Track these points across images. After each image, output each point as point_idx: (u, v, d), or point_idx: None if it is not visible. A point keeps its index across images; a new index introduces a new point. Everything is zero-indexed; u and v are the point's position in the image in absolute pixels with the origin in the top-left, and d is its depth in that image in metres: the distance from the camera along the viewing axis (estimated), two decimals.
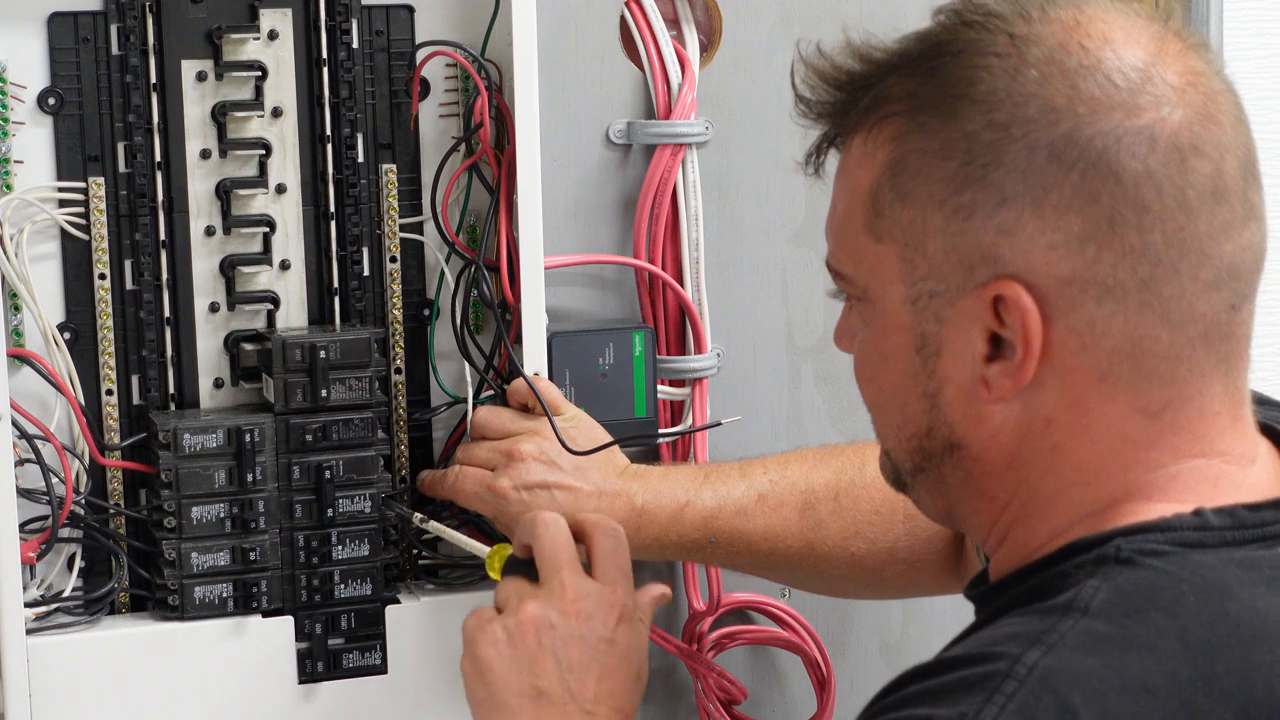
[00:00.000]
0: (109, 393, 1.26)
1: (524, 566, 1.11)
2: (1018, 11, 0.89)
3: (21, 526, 1.20)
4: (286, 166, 1.29)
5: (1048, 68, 0.86)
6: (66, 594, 1.24)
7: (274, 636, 1.26)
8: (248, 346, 1.28)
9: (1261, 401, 0.96)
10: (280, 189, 1.28)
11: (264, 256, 1.29)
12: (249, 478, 1.24)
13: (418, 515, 1.27)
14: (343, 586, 1.26)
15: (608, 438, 1.27)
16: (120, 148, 1.25)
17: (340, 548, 1.26)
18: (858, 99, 0.93)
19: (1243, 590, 0.84)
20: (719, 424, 1.25)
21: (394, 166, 1.31)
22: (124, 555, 1.26)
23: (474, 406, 1.31)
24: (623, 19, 1.39)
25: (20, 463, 1.20)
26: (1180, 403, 0.88)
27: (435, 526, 1.26)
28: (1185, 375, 0.87)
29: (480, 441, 1.29)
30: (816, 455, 1.31)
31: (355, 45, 1.29)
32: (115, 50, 1.24)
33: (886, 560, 1.28)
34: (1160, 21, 0.90)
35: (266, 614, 1.26)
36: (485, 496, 1.25)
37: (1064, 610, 0.83)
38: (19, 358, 1.22)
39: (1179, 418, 0.88)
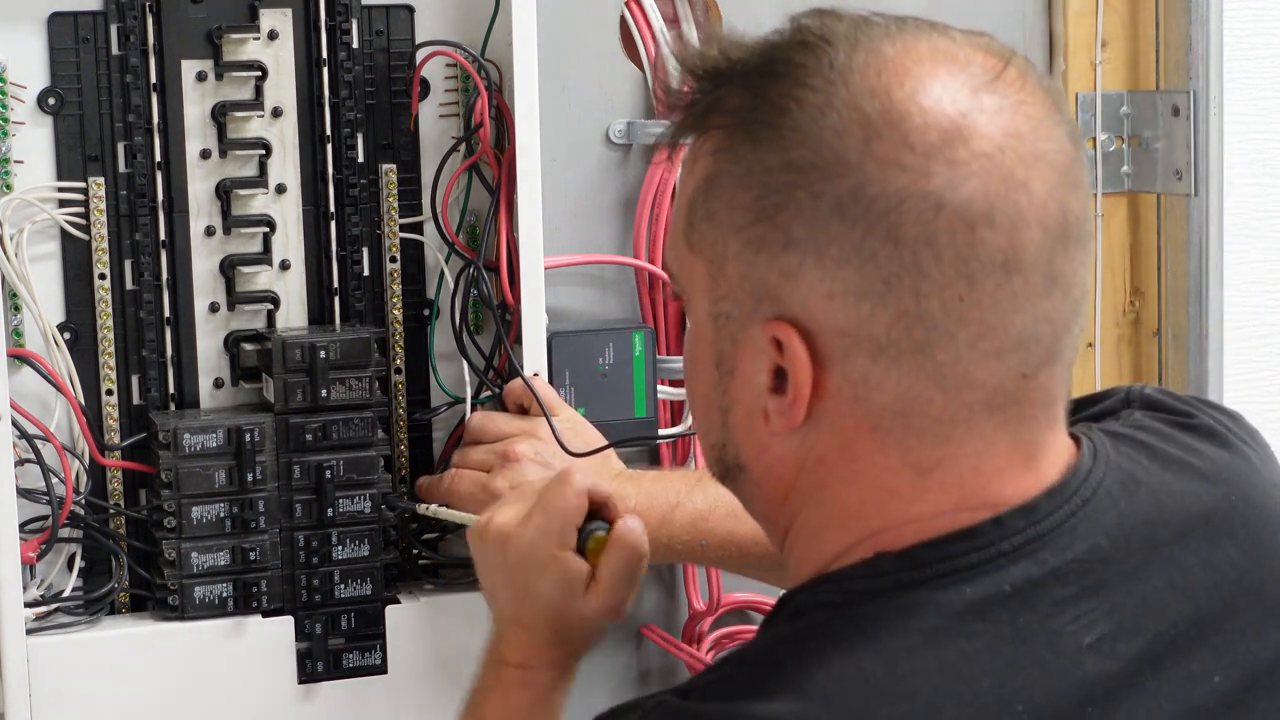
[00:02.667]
0: (109, 393, 1.26)
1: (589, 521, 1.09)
2: (850, 37, 0.86)
3: (21, 526, 1.20)
4: (286, 166, 1.29)
5: (849, 114, 0.83)
6: (66, 594, 1.24)
7: (274, 636, 1.26)
8: (248, 346, 1.29)
9: (1078, 407, 0.94)
10: (280, 189, 1.28)
11: (264, 256, 1.29)
12: (249, 478, 1.24)
13: (420, 505, 1.27)
14: (343, 586, 1.26)
15: (603, 440, 1.27)
16: (120, 148, 1.25)
17: (340, 548, 1.26)
18: (702, 100, 0.90)
19: (889, 641, 0.82)
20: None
21: (394, 166, 1.31)
22: (124, 555, 1.26)
23: (473, 407, 1.31)
24: (623, 19, 1.39)
25: (20, 463, 1.20)
26: (954, 461, 0.85)
27: (436, 509, 1.26)
28: (962, 436, 0.85)
29: (476, 445, 1.29)
30: None
31: (355, 45, 1.29)
32: (115, 50, 1.24)
33: None
34: (1001, 63, 0.85)
35: (266, 614, 1.26)
36: (481, 498, 1.25)
37: (724, 660, 0.86)
38: (19, 358, 1.22)
39: (950, 476, 0.85)
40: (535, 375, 1.28)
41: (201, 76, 1.26)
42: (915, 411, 0.84)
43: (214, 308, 1.28)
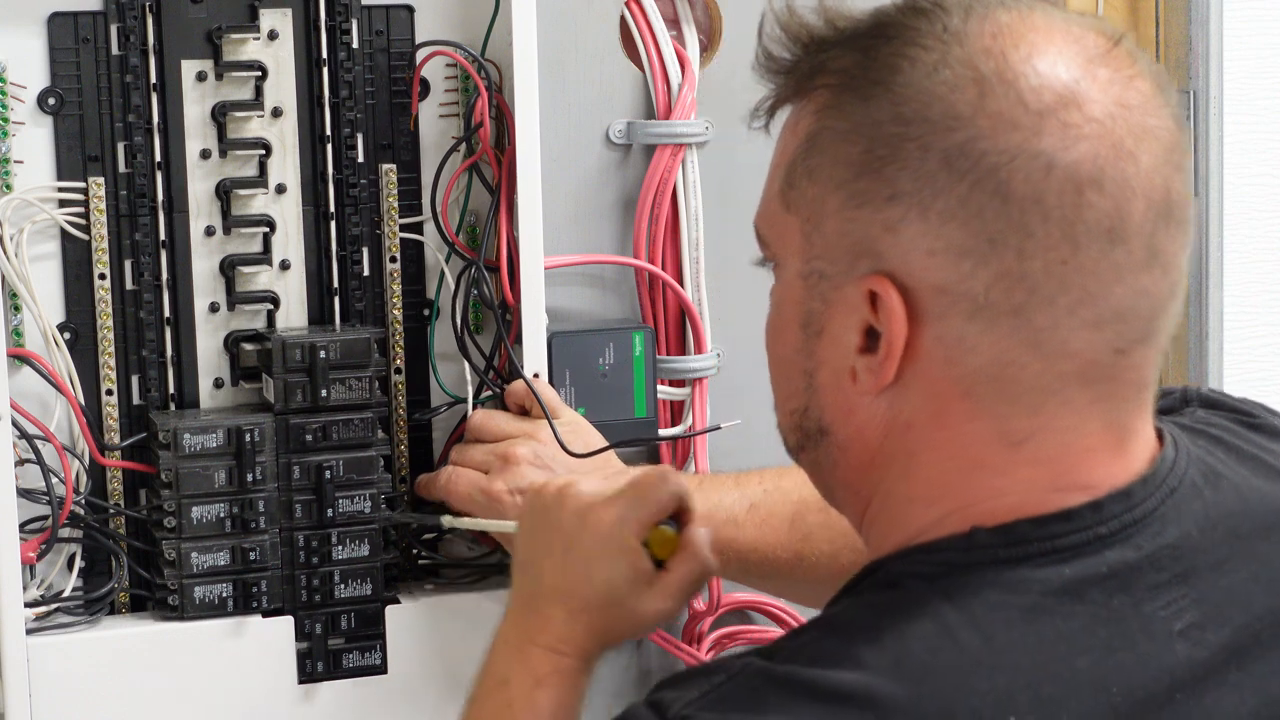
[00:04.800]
0: (109, 393, 1.26)
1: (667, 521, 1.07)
2: (963, 4, 0.87)
3: (21, 526, 1.20)
4: (286, 166, 1.29)
5: (963, 70, 0.84)
6: (66, 594, 1.24)
7: (274, 636, 1.26)
8: (248, 346, 1.28)
9: (1165, 410, 0.95)
10: (280, 189, 1.28)
11: (264, 256, 1.29)
12: (249, 478, 1.24)
13: (446, 517, 1.26)
14: (343, 586, 1.26)
15: (604, 442, 1.27)
16: (120, 148, 1.25)
17: (340, 548, 1.26)
18: (806, 63, 0.91)
19: (987, 615, 0.82)
20: (718, 428, 1.25)
21: (394, 166, 1.31)
22: (124, 555, 1.26)
23: (474, 407, 1.31)
24: (623, 19, 1.39)
25: (20, 463, 1.20)
26: (1045, 435, 0.85)
27: (465, 521, 1.25)
28: (1054, 409, 0.85)
29: (475, 444, 1.28)
30: None
31: (355, 45, 1.29)
32: (115, 50, 1.24)
33: None
34: (1110, 43, 0.86)
35: (266, 614, 1.26)
36: (479, 499, 1.25)
37: (812, 625, 0.85)
38: (19, 358, 1.22)
39: (1041, 451, 0.86)
40: (536, 376, 1.28)
41: (201, 76, 1.26)
42: (1009, 377, 0.84)
43: (214, 308, 1.28)
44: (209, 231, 1.28)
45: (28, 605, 1.21)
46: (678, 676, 0.86)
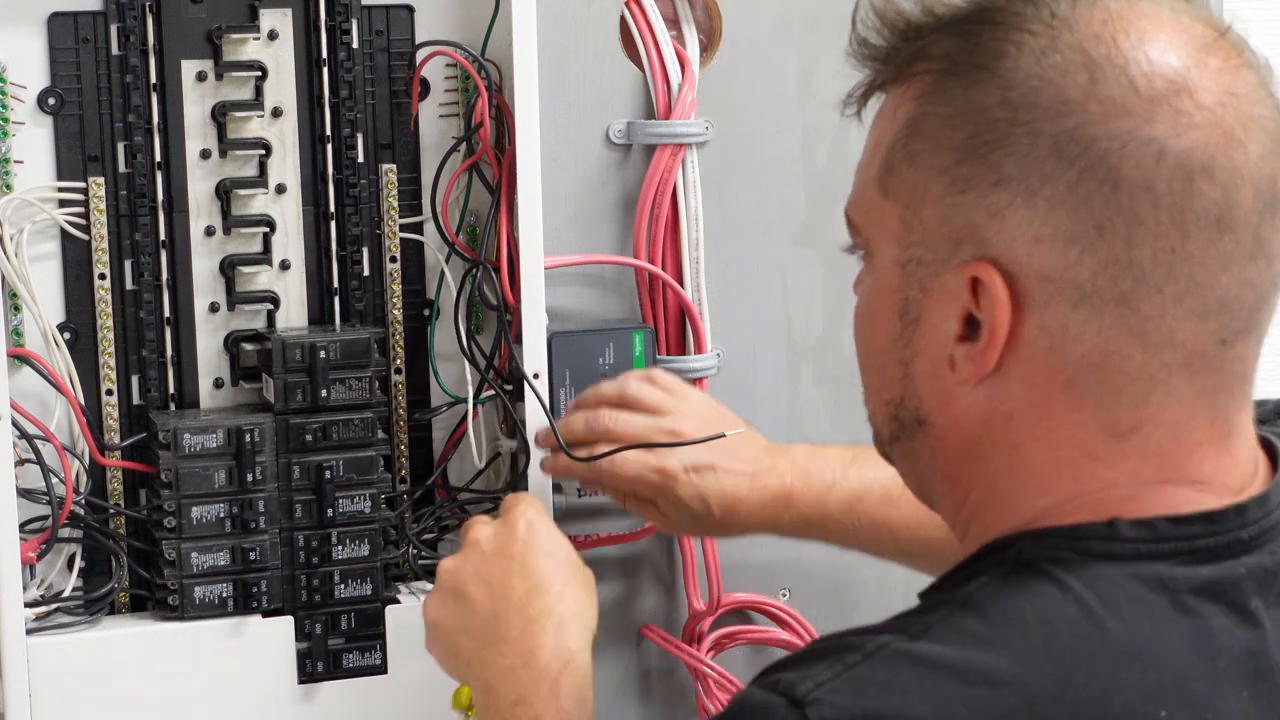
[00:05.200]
0: (109, 393, 1.26)
1: None
2: None
3: (21, 526, 1.20)
4: (286, 166, 1.29)
5: (1073, 55, 0.84)
6: (66, 594, 1.24)
7: (274, 636, 1.26)
8: (248, 346, 1.28)
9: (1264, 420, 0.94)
10: (280, 189, 1.28)
11: (264, 256, 1.29)
12: (249, 478, 1.24)
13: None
14: (343, 586, 1.26)
15: (734, 425, 1.26)
16: (120, 148, 1.25)
17: (340, 548, 1.26)
18: (905, 49, 0.91)
19: (1134, 608, 0.82)
20: (723, 435, 1.25)
21: (394, 166, 1.31)
22: (124, 555, 1.26)
23: (473, 407, 1.31)
24: (623, 19, 1.39)
25: (20, 463, 1.20)
26: (1152, 427, 0.85)
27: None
28: (1160, 400, 0.84)
29: (633, 414, 1.26)
30: None
31: (355, 45, 1.29)
32: (115, 50, 1.24)
33: None
34: (1217, 33, 0.86)
35: (266, 614, 1.26)
36: (650, 477, 1.24)
37: (944, 604, 0.83)
38: (19, 358, 1.22)
39: (1149, 444, 0.85)
40: (535, 376, 1.28)
41: (201, 76, 1.26)
42: (1113, 367, 0.84)
43: (214, 308, 1.28)
44: (209, 231, 1.28)
45: (28, 605, 1.21)
46: (794, 657, 0.84)
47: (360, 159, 1.30)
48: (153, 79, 1.25)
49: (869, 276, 0.93)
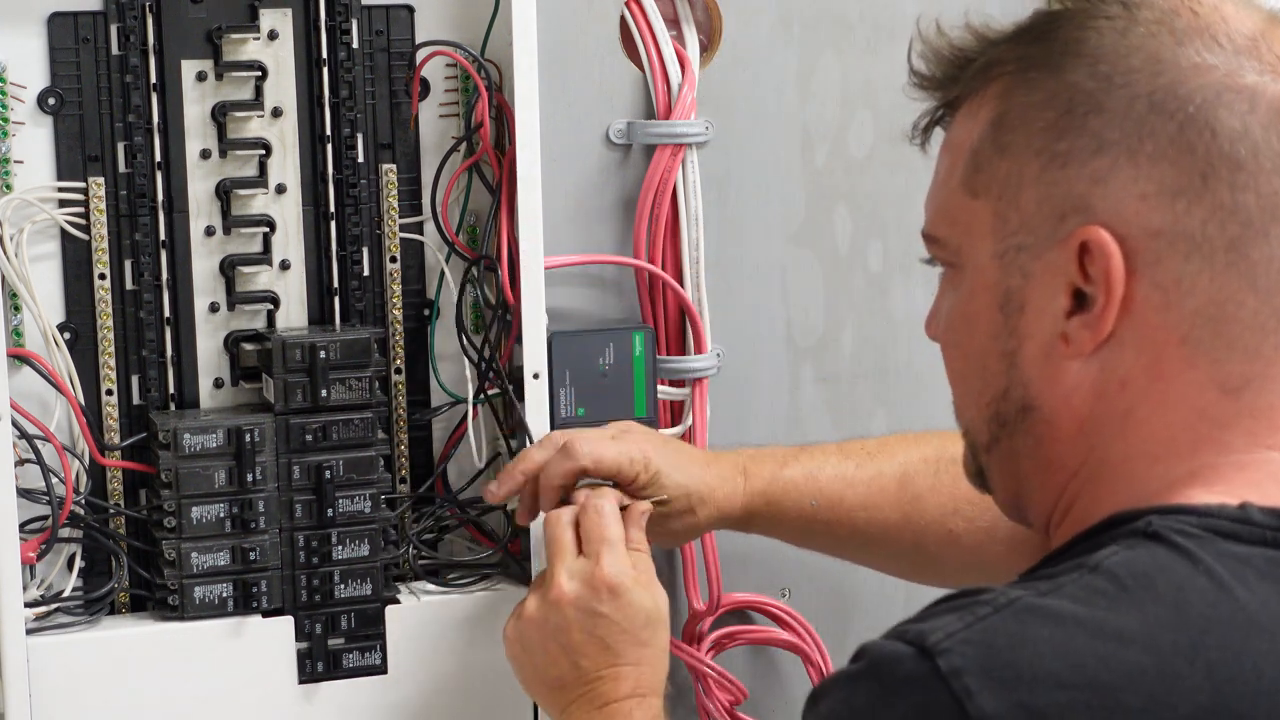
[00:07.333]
0: (109, 393, 1.26)
1: None
2: None
3: (21, 526, 1.20)
4: (286, 166, 1.29)
5: (1156, 26, 0.88)
6: (66, 594, 1.24)
7: (274, 636, 1.26)
8: (248, 346, 1.28)
9: None
10: (280, 189, 1.28)
11: (264, 256, 1.29)
12: (249, 478, 1.24)
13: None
14: (343, 586, 1.26)
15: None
16: (120, 148, 1.25)
17: (340, 548, 1.26)
18: (969, 68, 0.94)
19: (1262, 585, 0.82)
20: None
21: (394, 166, 1.31)
22: (124, 555, 1.26)
23: (474, 407, 1.31)
24: (623, 19, 1.39)
25: (20, 463, 1.20)
26: (1262, 383, 0.87)
27: None
28: (1271, 353, 0.87)
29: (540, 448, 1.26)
30: (917, 435, 1.32)
31: (355, 45, 1.29)
32: (115, 50, 1.24)
33: (985, 540, 1.26)
34: (1271, 9, 0.90)
35: (266, 614, 1.26)
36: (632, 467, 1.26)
37: (1074, 568, 0.83)
38: (19, 358, 1.22)
39: (1259, 400, 0.87)
40: (535, 376, 1.28)
41: (201, 76, 1.26)
42: (1227, 316, 0.86)
43: (214, 308, 1.28)
44: (209, 231, 1.28)
45: (28, 605, 1.21)
46: (925, 611, 0.84)
47: (360, 159, 1.30)
48: (153, 79, 1.25)
49: (959, 287, 0.94)
